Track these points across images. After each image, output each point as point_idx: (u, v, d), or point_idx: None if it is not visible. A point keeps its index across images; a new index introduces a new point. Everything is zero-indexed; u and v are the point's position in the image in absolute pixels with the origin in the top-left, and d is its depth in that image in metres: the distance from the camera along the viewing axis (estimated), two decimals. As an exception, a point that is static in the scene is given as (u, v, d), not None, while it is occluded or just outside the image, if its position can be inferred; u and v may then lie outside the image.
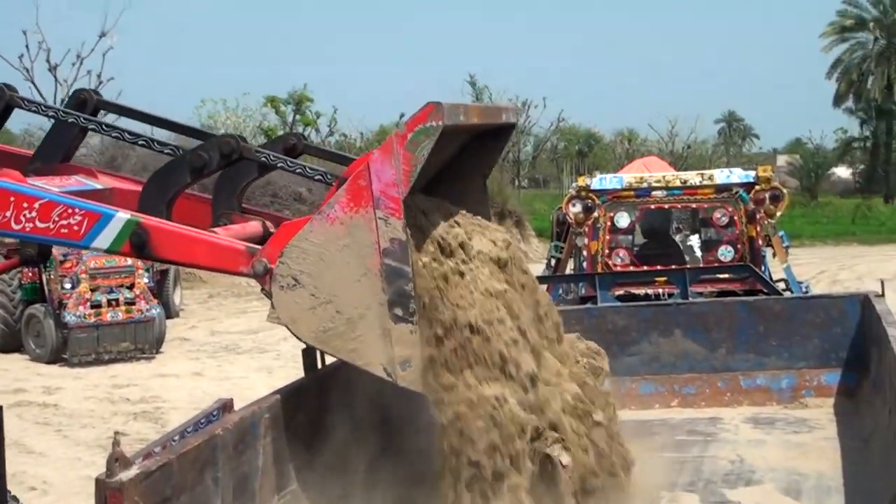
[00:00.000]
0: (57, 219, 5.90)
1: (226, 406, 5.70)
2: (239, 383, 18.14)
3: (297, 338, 5.54)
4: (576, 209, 13.06)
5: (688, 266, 12.81)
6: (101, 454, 13.92)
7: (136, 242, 5.82)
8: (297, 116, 59.30)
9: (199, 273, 34.28)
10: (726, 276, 11.84)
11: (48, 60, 47.34)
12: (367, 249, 5.27)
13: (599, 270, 12.44)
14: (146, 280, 22.34)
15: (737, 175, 13.54)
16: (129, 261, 22.04)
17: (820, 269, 30.07)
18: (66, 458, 14.03)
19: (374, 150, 5.41)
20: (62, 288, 21.06)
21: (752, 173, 13.37)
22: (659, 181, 13.44)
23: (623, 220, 13.22)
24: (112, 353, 20.94)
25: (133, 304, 21.33)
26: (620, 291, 11.27)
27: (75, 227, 5.88)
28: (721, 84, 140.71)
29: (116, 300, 21.20)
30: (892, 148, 76.91)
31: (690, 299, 9.35)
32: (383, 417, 6.64)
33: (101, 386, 18.45)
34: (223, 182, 6.75)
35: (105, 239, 5.85)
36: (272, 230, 6.35)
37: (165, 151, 6.67)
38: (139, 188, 6.52)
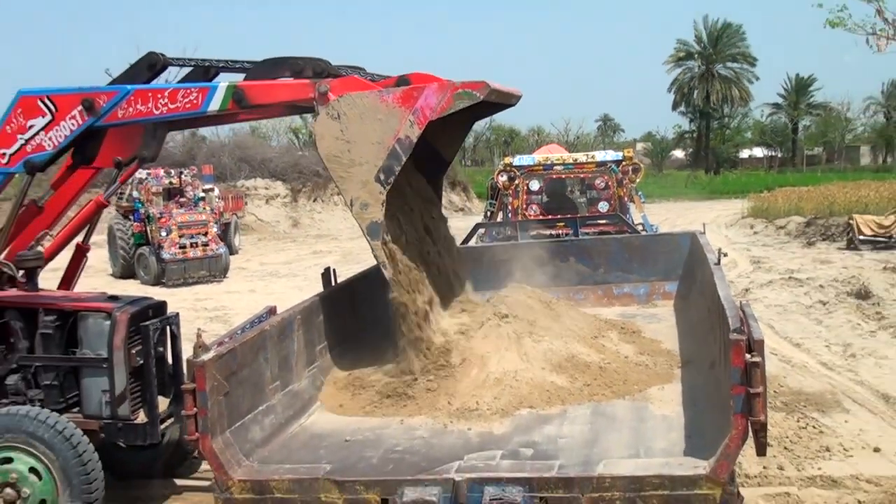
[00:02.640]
0: (181, 98, 5.91)
1: (271, 311, 5.66)
2: (280, 297, 17.97)
3: (316, 148, 5.56)
4: (503, 178, 13.49)
5: (578, 215, 12.80)
6: (189, 344, 13.85)
7: (237, 98, 5.82)
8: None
9: (250, 224, 34.18)
10: (604, 221, 12.01)
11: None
12: (390, 131, 5.31)
13: (520, 220, 12.55)
14: (216, 229, 22.19)
15: (610, 155, 13.88)
16: (204, 216, 22.04)
17: (665, 217, 30.14)
18: (165, 348, 13.82)
19: (436, 81, 5.40)
20: (160, 235, 20.84)
21: (620, 154, 13.70)
22: (559, 160, 13.88)
23: (535, 185, 13.65)
24: (194, 278, 20.75)
25: (207, 245, 21.12)
26: (534, 233, 11.29)
27: (194, 100, 5.88)
28: (599, 93, 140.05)
29: (196, 243, 20.96)
30: (709, 138, 77.25)
31: (581, 237, 9.38)
32: (379, 315, 6.63)
33: (187, 300, 18.28)
34: None
35: (216, 102, 5.85)
36: None
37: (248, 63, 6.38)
38: None
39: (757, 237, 26.81)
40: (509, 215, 13.32)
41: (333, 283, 6.59)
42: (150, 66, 6.41)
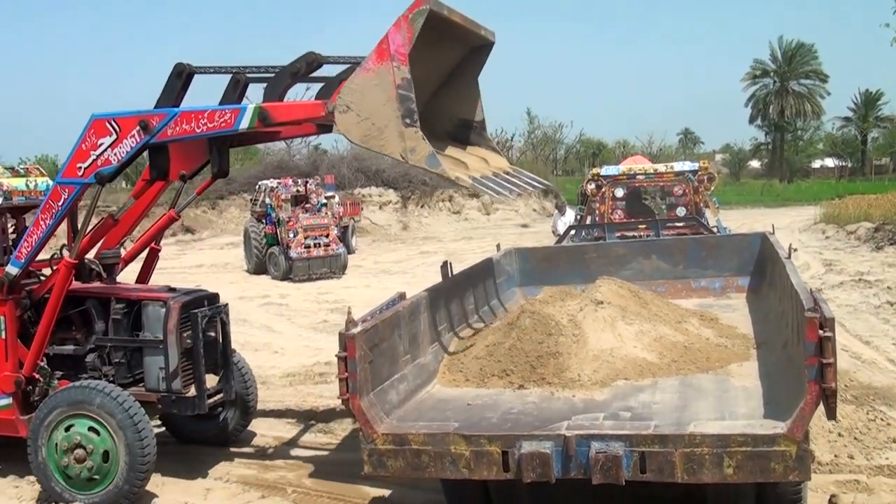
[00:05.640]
0: (217, 118, 6.15)
1: (401, 296, 5.89)
2: (392, 291, 18.26)
3: (350, 141, 5.62)
4: (591, 186, 13.66)
5: (658, 218, 12.84)
6: (314, 332, 14.22)
7: (262, 117, 6.03)
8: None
9: (365, 227, 34.73)
10: (682, 224, 11.91)
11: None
12: (388, 85, 5.23)
13: (606, 222, 12.79)
14: (336, 232, 22.62)
15: (687, 165, 13.91)
16: (326, 220, 22.53)
17: (742, 222, 29.63)
18: (293, 334, 14.20)
19: (390, 27, 5.31)
20: (288, 237, 21.34)
21: (697, 164, 13.70)
22: (641, 170, 13.93)
23: (619, 192, 13.73)
24: (317, 274, 21.15)
25: (328, 245, 21.53)
26: (619, 234, 11.42)
27: (228, 120, 6.11)
28: (681, 108, 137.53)
29: (319, 243, 21.38)
30: (783, 149, 75.39)
31: (661, 237, 9.43)
32: (484, 301, 7.14)
33: (311, 293, 18.72)
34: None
35: (245, 121, 6.07)
36: None
37: (270, 68, 6.53)
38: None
39: (828, 241, 26.06)
40: (597, 218, 13.39)
41: (450, 275, 6.82)
42: (178, 74, 6.63)
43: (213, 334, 7.33)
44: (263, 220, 23.00)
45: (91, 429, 6.56)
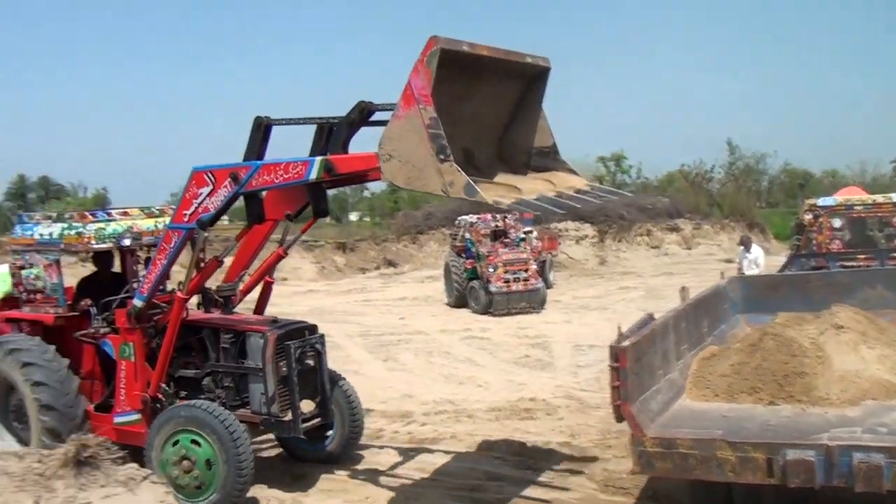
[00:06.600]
0: (291, 170, 6.78)
1: (650, 316, 6.43)
2: (592, 327, 18.21)
3: (398, 187, 5.94)
4: (809, 216, 13.79)
5: (883, 248, 12.87)
6: (517, 367, 14.26)
7: (327, 168, 6.60)
8: (617, 167, 58.03)
9: (563, 262, 34.60)
10: None
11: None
12: (419, 127, 5.51)
13: (824, 252, 13.05)
14: (535, 266, 22.64)
15: None
16: (525, 255, 22.61)
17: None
18: (496, 368, 14.23)
19: (410, 73, 5.59)
20: (488, 271, 21.56)
21: None
22: (858, 201, 13.98)
23: (837, 223, 13.78)
24: (516, 308, 21.24)
25: (528, 280, 21.59)
26: (839, 263, 11.71)
27: (300, 171, 6.72)
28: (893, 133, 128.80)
29: (518, 278, 21.49)
30: None
31: (884, 266, 9.54)
32: (714, 320, 7.93)
33: (511, 328, 18.81)
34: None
35: (314, 173, 6.64)
36: None
37: (335, 119, 7.10)
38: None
39: None
40: (814, 248, 13.42)
41: (685, 300, 7.46)
42: (258, 127, 7.56)
43: (311, 363, 8.00)
44: (463, 255, 23.39)
45: (193, 441, 7.30)
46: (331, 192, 8.05)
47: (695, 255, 39.13)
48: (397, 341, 17.43)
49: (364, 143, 7.02)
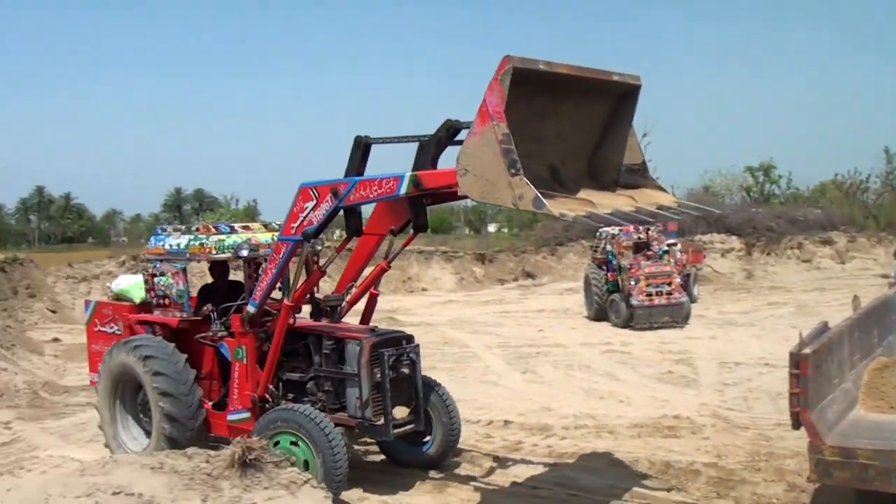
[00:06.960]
0: (384, 185, 7.01)
1: (825, 325, 6.40)
2: (740, 344, 17.61)
3: (473, 200, 6.08)
4: None
5: None
6: (659, 383, 13.85)
7: (416, 184, 6.81)
8: (765, 177, 55.87)
9: (708, 275, 33.57)
10: None
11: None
12: (493, 143, 5.67)
13: None
14: (678, 279, 22.05)
15: None
16: (668, 267, 22.07)
17: None
18: (638, 384, 13.89)
19: (485, 91, 5.73)
20: (630, 284, 21.20)
21: None
22: None
23: None
24: (658, 323, 20.82)
25: (671, 294, 21.06)
26: None
27: (392, 186, 6.95)
28: None
29: (661, 291, 21.02)
30: None
31: None
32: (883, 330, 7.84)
33: (653, 342, 18.38)
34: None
35: (403, 188, 6.86)
36: None
37: (425, 138, 7.17)
38: None
39: None
40: None
41: (857, 309, 7.42)
42: (357, 145, 7.75)
43: (405, 371, 8.27)
44: (604, 267, 23.04)
45: (293, 443, 7.59)
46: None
47: (849, 270, 37.24)
48: (536, 353, 17.28)
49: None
